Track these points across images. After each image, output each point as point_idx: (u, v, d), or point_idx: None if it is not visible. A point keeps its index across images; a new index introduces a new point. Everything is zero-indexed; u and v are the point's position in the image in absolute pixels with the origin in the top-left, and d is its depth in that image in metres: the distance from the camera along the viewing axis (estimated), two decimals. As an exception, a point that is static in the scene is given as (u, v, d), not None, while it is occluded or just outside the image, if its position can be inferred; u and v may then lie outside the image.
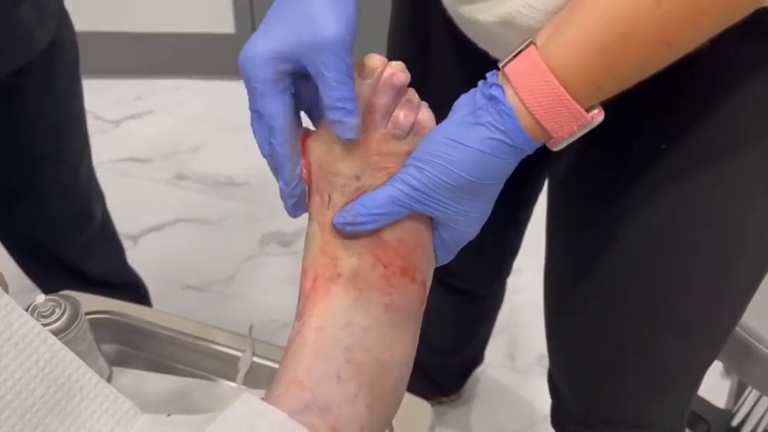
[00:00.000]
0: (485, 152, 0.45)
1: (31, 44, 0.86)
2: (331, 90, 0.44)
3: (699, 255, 0.63)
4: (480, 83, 0.47)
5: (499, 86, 0.45)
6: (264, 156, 0.48)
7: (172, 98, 2.22)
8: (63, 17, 0.93)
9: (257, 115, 0.47)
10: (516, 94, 0.44)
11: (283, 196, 0.49)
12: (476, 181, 0.45)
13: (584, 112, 0.44)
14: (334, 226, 0.47)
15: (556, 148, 0.47)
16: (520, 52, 0.45)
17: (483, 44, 0.60)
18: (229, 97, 2.22)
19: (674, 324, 0.68)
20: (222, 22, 2.22)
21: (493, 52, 0.60)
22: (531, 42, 0.45)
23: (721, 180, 0.59)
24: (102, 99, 2.10)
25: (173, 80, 2.27)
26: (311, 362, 0.44)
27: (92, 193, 1.09)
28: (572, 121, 0.44)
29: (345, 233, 0.47)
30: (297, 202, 0.49)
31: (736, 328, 0.90)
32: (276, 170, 0.48)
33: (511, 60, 0.45)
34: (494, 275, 1.10)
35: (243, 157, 1.98)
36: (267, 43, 0.45)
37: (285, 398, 0.44)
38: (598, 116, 0.45)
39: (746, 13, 0.44)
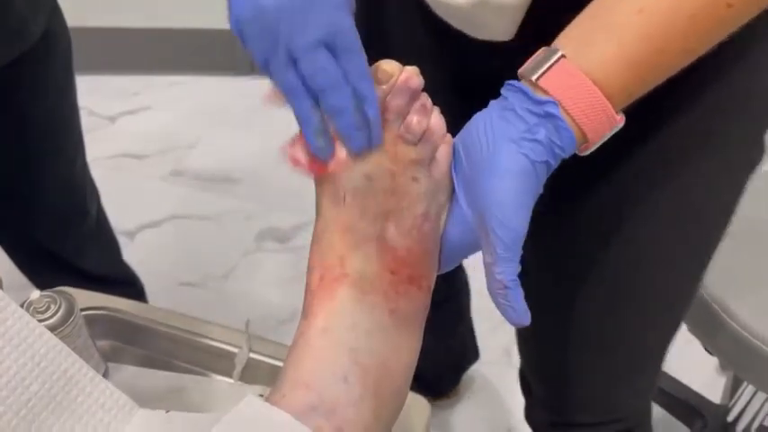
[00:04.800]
0: (544, 176, 0.45)
1: (23, 36, 0.86)
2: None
3: (649, 228, 0.64)
4: (503, 102, 0.46)
5: (554, 103, 0.44)
6: (315, 136, 0.45)
7: (168, 94, 2.22)
8: (55, 11, 0.93)
9: (295, 82, 0.44)
10: (564, 108, 0.44)
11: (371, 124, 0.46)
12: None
13: (617, 117, 0.46)
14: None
15: (584, 153, 0.47)
16: (550, 66, 0.45)
17: (457, 24, 0.60)
18: (226, 93, 2.22)
19: (633, 299, 0.70)
20: (219, 17, 2.20)
21: (468, 31, 0.60)
22: (562, 55, 0.45)
23: (663, 152, 0.60)
24: (98, 95, 2.10)
25: (169, 76, 2.26)
26: (317, 363, 0.44)
27: (86, 189, 1.09)
28: (607, 128, 0.46)
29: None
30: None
31: (732, 323, 0.90)
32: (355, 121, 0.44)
33: (544, 74, 0.45)
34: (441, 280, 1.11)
35: (239, 153, 1.98)
36: None
37: (290, 399, 0.43)
38: (621, 120, 0.46)
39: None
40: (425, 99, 0.47)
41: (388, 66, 0.46)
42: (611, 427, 0.83)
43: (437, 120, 0.47)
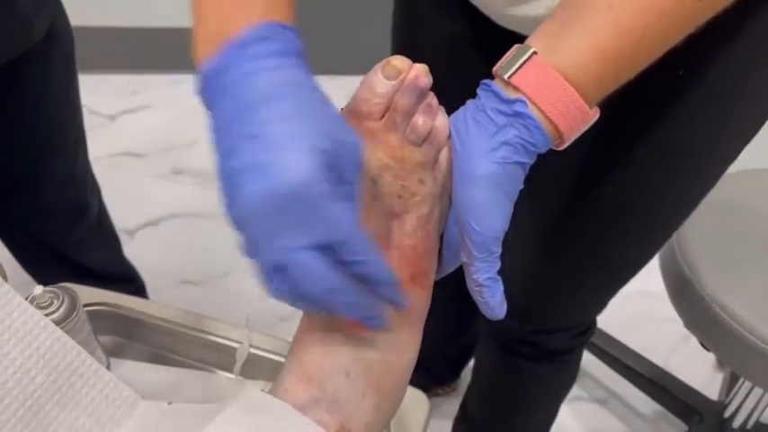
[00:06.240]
0: (521, 174, 0.45)
1: (28, 32, 0.86)
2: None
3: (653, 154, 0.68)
4: (476, 102, 0.46)
5: (522, 102, 0.44)
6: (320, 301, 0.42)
7: (168, 93, 2.22)
8: (58, 8, 0.93)
9: (280, 268, 0.43)
10: (535, 104, 0.44)
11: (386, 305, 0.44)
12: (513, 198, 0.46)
13: (590, 111, 0.46)
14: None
15: (561, 148, 0.47)
16: (523, 63, 0.45)
17: (505, 24, 0.62)
18: (225, 92, 2.22)
19: (641, 231, 0.76)
20: (218, 17, 2.22)
21: (515, 28, 0.62)
22: (534, 52, 0.45)
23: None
24: (98, 94, 2.10)
25: (169, 75, 2.27)
26: (320, 358, 0.45)
27: (87, 185, 1.10)
28: (581, 123, 0.45)
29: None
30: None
31: (730, 320, 0.91)
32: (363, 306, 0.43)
33: (516, 71, 0.45)
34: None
35: (239, 151, 1.98)
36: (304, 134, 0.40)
37: (294, 392, 0.44)
38: (595, 113, 0.46)
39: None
40: (431, 98, 0.47)
41: (398, 62, 0.46)
42: (571, 332, 0.94)
43: (442, 120, 0.47)
